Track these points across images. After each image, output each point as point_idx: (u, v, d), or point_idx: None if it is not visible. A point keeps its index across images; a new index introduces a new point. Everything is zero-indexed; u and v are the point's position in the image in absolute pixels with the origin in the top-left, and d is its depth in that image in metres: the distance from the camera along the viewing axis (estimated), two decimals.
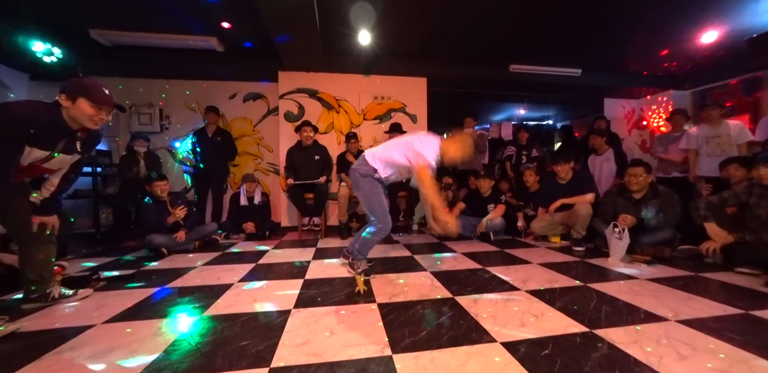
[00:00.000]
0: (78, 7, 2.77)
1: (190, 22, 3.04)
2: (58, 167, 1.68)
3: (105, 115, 1.57)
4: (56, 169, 1.68)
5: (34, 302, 1.66)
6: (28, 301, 1.66)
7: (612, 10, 2.92)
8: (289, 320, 1.46)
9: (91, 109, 1.51)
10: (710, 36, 3.41)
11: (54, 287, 1.72)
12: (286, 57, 3.51)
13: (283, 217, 4.03)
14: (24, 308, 1.64)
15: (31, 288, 1.66)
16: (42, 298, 1.67)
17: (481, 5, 2.81)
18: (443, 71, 4.09)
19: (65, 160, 1.65)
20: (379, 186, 2.09)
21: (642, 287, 1.82)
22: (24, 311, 1.61)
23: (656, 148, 3.67)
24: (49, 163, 1.60)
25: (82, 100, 1.50)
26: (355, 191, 2.17)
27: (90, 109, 1.51)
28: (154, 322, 1.47)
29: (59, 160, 1.62)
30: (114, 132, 4.03)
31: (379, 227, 2.06)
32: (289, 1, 2.40)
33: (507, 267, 2.27)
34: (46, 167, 1.62)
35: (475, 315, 1.48)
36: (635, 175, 2.56)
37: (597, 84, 4.55)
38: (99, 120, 1.55)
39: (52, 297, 1.69)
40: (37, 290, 1.66)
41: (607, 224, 2.53)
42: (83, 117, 1.52)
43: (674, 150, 3.45)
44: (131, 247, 3.11)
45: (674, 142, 3.46)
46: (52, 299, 1.68)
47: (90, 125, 1.55)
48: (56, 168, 1.67)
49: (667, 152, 3.51)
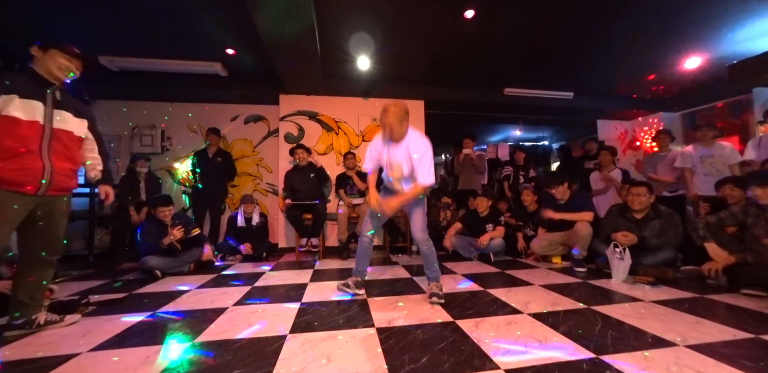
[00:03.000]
0: (90, 35, 2.91)
1: (196, 49, 3.19)
2: (79, 133, 1.69)
3: (75, 68, 1.63)
4: (81, 139, 1.71)
5: (18, 328, 1.58)
6: (11, 328, 1.58)
7: (599, 39, 3.10)
8: (285, 347, 1.40)
9: (62, 59, 1.58)
10: (693, 62, 3.59)
11: (41, 312, 1.65)
12: (288, 81, 3.64)
13: (280, 238, 3.99)
14: (6, 335, 1.55)
15: (14, 314, 1.59)
16: (26, 324, 1.59)
17: (476, 35, 2.97)
18: (440, 95, 4.24)
19: (72, 120, 1.65)
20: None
21: (647, 310, 1.77)
22: (5, 339, 1.52)
23: (646, 168, 3.73)
24: (63, 124, 1.61)
25: (54, 50, 1.57)
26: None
27: (61, 59, 1.57)
28: (143, 350, 1.41)
29: (67, 120, 1.62)
30: (115, 153, 4.07)
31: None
32: (291, 31, 2.53)
33: (508, 289, 2.22)
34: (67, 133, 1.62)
35: (477, 340, 1.42)
36: (638, 194, 2.57)
37: (589, 106, 4.70)
38: (67, 70, 1.60)
39: (38, 324, 1.61)
40: (22, 316, 1.59)
41: (607, 244, 2.51)
42: (53, 66, 1.56)
43: (663, 169, 3.52)
44: (125, 269, 3.04)
45: (661, 162, 3.55)
46: (37, 325, 1.61)
47: (58, 73, 1.59)
48: (77, 133, 1.68)
49: (656, 172, 3.57)
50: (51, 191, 1.57)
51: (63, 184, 1.62)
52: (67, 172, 1.63)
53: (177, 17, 2.65)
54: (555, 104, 4.51)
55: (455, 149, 4.77)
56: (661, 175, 3.50)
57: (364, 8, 2.56)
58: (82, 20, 2.67)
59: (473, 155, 4.14)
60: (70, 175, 1.66)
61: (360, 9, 2.57)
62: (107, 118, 4.02)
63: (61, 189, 1.63)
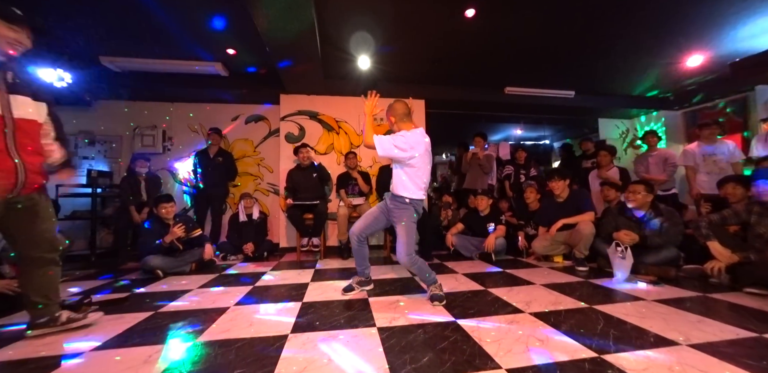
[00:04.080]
0: (91, 37, 2.92)
1: (197, 50, 3.19)
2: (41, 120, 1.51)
3: (23, 37, 1.40)
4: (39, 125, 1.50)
5: (42, 327, 1.51)
6: (35, 326, 1.51)
7: (600, 38, 3.08)
8: (286, 346, 1.40)
9: (6, 30, 1.34)
10: (695, 60, 3.57)
11: (61, 310, 1.58)
12: (288, 81, 3.64)
13: (282, 237, 3.99)
14: (29, 334, 1.50)
15: (36, 310, 1.51)
16: (50, 322, 1.52)
17: (476, 34, 2.96)
18: (440, 94, 4.23)
19: (32, 106, 1.45)
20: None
21: (649, 309, 1.77)
22: (25, 337, 1.51)
23: (638, 168, 3.72)
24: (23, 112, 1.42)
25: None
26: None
27: (5, 30, 1.34)
28: (146, 349, 1.41)
29: (27, 106, 1.43)
30: (116, 154, 4.08)
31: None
32: (291, 30, 2.53)
33: (510, 288, 2.21)
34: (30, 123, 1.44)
35: (479, 339, 1.42)
36: (635, 191, 2.56)
37: (590, 105, 4.69)
38: (16, 42, 1.38)
39: (61, 322, 1.55)
40: (44, 313, 1.51)
41: (608, 243, 2.51)
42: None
43: (654, 169, 3.54)
44: (127, 269, 3.05)
45: (651, 161, 3.58)
46: (61, 323, 1.54)
47: (6, 48, 1.36)
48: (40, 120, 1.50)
49: (648, 171, 3.57)
50: (26, 189, 1.44)
51: (37, 179, 1.47)
52: (38, 168, 1.48)
53: (178, 18, 2.65)
54: (556, 103, 4.50)
55: (460, 148, 4.76)
56: (653, 175, 3.50)
57: (364, 8, 2.56)
58: (84, 21, 2.66)
59: (481, 155, 4.10)
60: (41, 170, 1.50)
61: (361, 8, 2.57)
62: (109, 119, 4.03)
63: (35, 184, 1.48)
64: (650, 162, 3.59)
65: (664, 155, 3.55)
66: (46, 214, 1.56)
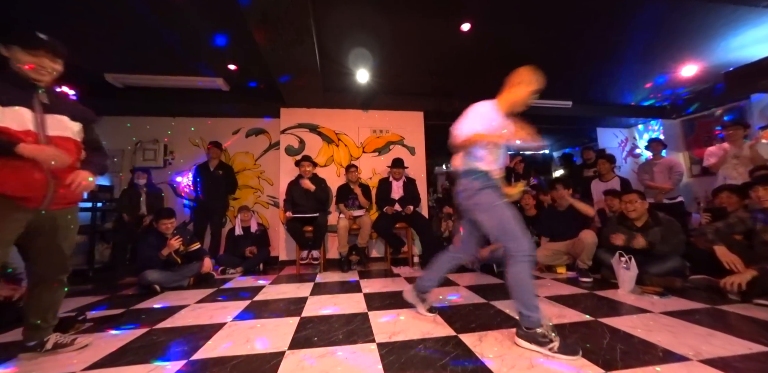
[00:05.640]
0: (96, 54, 3.00)
1: (199, 65, 3.27)
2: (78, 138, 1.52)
3: (47, 62, 1.39)
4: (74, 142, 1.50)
5: (31, 350, 1.52)
6: (24, 349, 1.52)
7: (596, 48, 3.14)
8: (283, 364, 1.36)
9: (26, 57, 1.36)
10: (689, 70, 3.62)
11: (51, 334, 1.57)
12: (288, 95, 3.70)
13: (281, 250, 3.95)
14: (20, 357, 1.50)
15: (30, 331, 1.52)
16: (38, 347, 1.52)
17: (472, 46, 3.03)
18: (438, 106, 4.28)
19: (69, 125, 1.47)
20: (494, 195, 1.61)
21: (656, 322, 1.72)
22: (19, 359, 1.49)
23: (642, 176, 3.70)
24: (59, 130, 1.44)
25: (15, 48, 1.35)
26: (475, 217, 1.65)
27: (25, 57, 1.35)
28: (138, 368, 1.37)
29: (63, 125, 1.45)
30: (117, 168, 4.11)
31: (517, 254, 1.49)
32: (291, 47, 2.60)
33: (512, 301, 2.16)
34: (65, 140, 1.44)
35: (481, 355, 1.38)
36: (630, 201, 2.54)
37: (588, 115, 4.72)
38: (40, 68, 1.38)
39: (46, 349, 1.52)
40: (34, 337, 1.52)
41: (612, 253, 2.47)
42: (22, 67, 1.36)
43: (659, 177, 3.51)
44: (125, 284, 3.01)
45: (656, 169, 3.55)
46: (46, 350, 1.52)
47: (34, 75, 1.38)
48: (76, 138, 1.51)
49: (653, 179, 3.55)
50: (55, 204, 1.44)
51: (68, 196, 1.47)
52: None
53: (180, 35, 2.72)
54: (554, 113, 4.53)
55: None
56: (658, 183, 3.48)
57: (362, 24, 2.63)
58: (88, 39, 2.74)
59: None
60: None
61: (359, 25, 2.64)
62: (112, 133, 4.08)
63: (66, 202, 1.50)
64: (655, 170, 3.57)
65: (669, 163, 3.53)
66: (71, 234, 1.57)
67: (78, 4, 2.31)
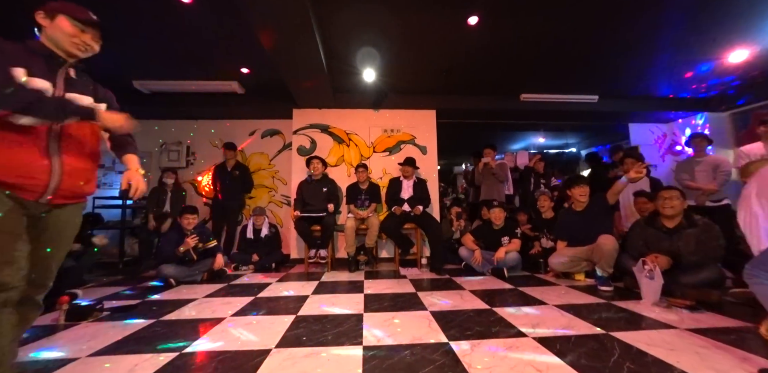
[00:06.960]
0: (124, 63, 3.22)
1: (215, 70, 3.41)
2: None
3: (89, 39, 1.25)
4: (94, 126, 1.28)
5: None
6: None
7: (624, 37, 2.88)
8: (266, 362, 1.37)
9: (72, 28, 1.20)
10: (739, 55, 3.23)
11: None
12: (299, 97, 3.76)
13: (292, 249, 4.03)
14: None
15: None
16: None
17: (482, 41, 2.89)
18: (451, 104, 4.15)
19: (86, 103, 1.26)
20: None
21: (680, 340, 1.52)
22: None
23: (680, 175, 3.30)
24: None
25: (63, 17, 1.19)
26: None
27: (70, 28, 1.20)
28: (135, 357, 1.44)
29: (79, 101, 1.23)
30: (146, 168, 4.39)
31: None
32: (296, 49, 2.63)
33: (518, 308, 2.03)
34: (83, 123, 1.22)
35: (468, 366, 1.30)
36: (669, 197, 2.29)
37: (617, 110, 4.37)
38: (81, 43, 1.23)
39: None
40: None
41: (636, 260, 2.24)
42: (63, 37, 1.19)
43: (702, 176, 3.11)
44: (148, 277, 3.21)
45: (699, 168, 3.15)
46: None
47: (71, 49, 1.22)
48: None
49: (694, 179, 3.16)
50: (58, 198, 1.14)
51: (75, 189, 1.19)
52: (82, 174, 1.21)
53: (196, 42, 2.85)
54: (578, 108, 4.24)
55: (475, 159, 4.62)
56: (701, 183, 3.10)
57: (369, 23, 2.60)
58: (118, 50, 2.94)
59: (493, 164, 3.97)
60: (86, 177, 1.23)
61: (365, 24, 2.61)
62: (142, 136, 4.37)
63: (71, 196, 1.20)
64: (697, 169, 3.17)
65: (714, 162, 3.11)
66: (67, 241, 1.25)
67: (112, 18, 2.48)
